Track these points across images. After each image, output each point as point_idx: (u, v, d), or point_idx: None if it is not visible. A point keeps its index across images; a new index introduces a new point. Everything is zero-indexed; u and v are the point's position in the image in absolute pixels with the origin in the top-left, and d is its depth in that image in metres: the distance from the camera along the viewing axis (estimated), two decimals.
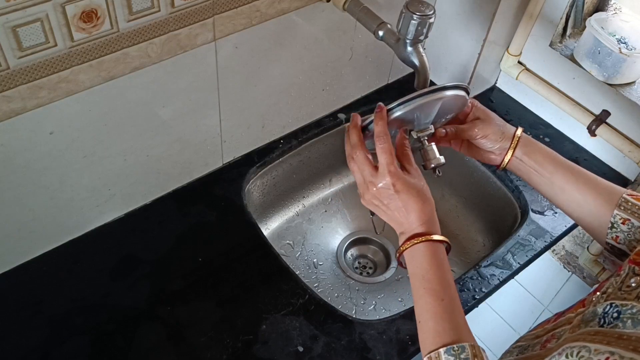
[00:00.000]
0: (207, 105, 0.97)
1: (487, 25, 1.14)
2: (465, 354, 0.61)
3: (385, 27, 0.89)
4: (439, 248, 0.69)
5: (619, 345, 0.52)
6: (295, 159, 1.19)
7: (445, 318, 0.65)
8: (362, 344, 0.90)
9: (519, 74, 1.24)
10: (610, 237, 0.72)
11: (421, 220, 0.70)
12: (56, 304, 0.90)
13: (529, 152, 0.79)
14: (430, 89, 0.73)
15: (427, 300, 0.66)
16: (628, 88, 1.11)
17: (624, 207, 0.70)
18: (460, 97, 0.77)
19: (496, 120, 0.81)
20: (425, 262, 0.68)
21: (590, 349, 0.53)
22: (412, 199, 0.70)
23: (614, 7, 1.17)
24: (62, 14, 0.69)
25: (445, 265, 0.68)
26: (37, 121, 0.77)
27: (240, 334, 0.89)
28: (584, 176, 0.75)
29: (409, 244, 0.69)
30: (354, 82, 1.21)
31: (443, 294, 0.66)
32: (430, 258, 0.68)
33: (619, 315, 0.55)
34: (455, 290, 0.67)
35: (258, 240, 1.01)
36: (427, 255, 0.68)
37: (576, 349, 0.54)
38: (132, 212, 1.02)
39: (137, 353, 0.86)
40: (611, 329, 0.54)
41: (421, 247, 0.68)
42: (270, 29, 0.94)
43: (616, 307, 0.56)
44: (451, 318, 0.65)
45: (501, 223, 1.18)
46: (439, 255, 0.69)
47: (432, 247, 0.69)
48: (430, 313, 0.65)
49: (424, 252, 0.68)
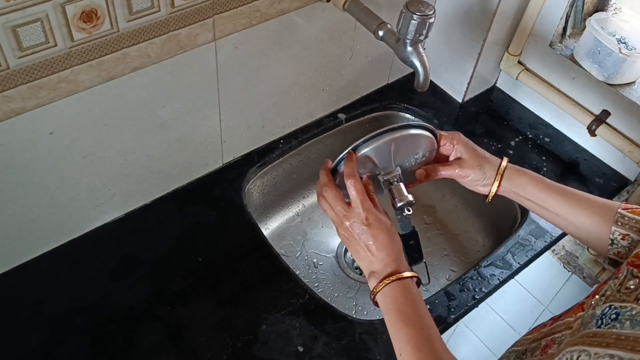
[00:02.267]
0: (207, 105, 0.97)
1: (487, 25, 1.14)
2: None
3: (385, 27, 0.89)
4: (411, 283, 0.71)
5: (618, 347, 0.52)
6: (295, 159, 1.19)
7: (427, 346, 0.66)
8: (362, 344, 0.90)
9: (519, 74, 1.24)
10: (612, 253, 0.72)
11: (391, 257, 0.72)
12: (56, 304, 0.90)
13: (516, 185, 0.79)
14: (385, 129, 0.76)
15: (407, 331, 0.67)
16: (628, 88, 1.11)
17: (621, 223, 0.70)
18: (419, 136, 0.78)
19: (477, 158, 0.80)
20: (400, 297, 0.69)
21: (590, 353, 0.53)
22: (382, 234, 0.72)
23: (614, 7, 1.17)
24: (62, 14, 0.69)
25: (418, 297, 0.70)
26: (37, 121, 0.77)
27: (240, 334, 0.89)
28: (576, 198, 0.76)
29: (382, 284, 0.70)
30: (354, 82, 1.21)
31: (422, 323, 0.67)
32: (404, 293, 0.70)
33: (618, 317, 0.55)
34: (431, 319, 0.69)
35: (258, 240, 1.01)
36: (400, 291, 0.70)
37: (576, 353, 0.54)
38: (132, 212, 1.02)
39: (137, 353, 0.86)
40: (609, 329, 0.54)
41: (394, 285, 0.70)
42: (270, 29, 0.94)
43: (615, 308, 0.56)
44: (432, 346, 0.66)
45: (501, 223, 1.18)
46: (412, 290, 0.70)
47: (404, 283, 0.70)
48: (412, 343, 0.67)
49: (397, 289, 0.70)
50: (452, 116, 1.27)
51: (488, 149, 1.20)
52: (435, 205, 1.30)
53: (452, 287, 0.98)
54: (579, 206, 0.75)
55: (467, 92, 1.28)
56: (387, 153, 0.78)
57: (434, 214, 1.30)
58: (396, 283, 0.70)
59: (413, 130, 0.78)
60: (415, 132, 0.78)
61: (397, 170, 0.79)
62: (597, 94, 1.14)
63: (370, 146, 0.76)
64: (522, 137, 1.24)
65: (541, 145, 1.23)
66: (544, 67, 1.21)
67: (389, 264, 0.71)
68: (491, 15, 1.12)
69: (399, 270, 0.71)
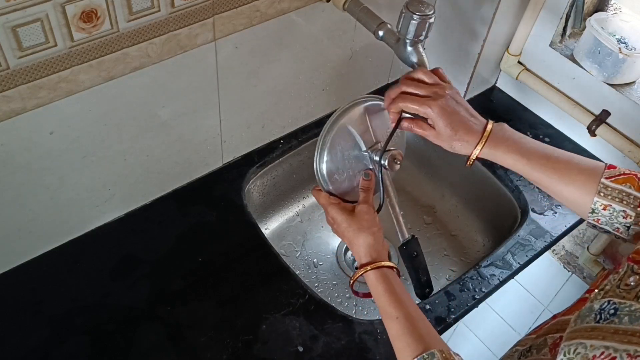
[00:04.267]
0: (207, 105, 0.97)
1: (487, 25, 1.14)
2: (435, 359, 0.64)
3: (385, 27, 0.89)
4: (388, 272, 0.75)
5: (614, 340, 0.53)
6: (295, 159, 1.19)
7: (407, 333, 0.68)
8: (362, 344, 0.90)
9: (519, 74, 1.24)
10: (592, 220, 0.73)
11: (368, 251, 0.77)
12: (56, 304, 0.90)
13: (496, 156, 0.78)
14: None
15: (387, 324, 0.71)
16: (628, 88, 1.11)
17: (604, 194, 0.70)
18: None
19: (454, 131, 0.79)
20: (377, 290, 0.74)
21: (586, 345, 0.54)
22: (357, 234, 0.78)
23: (614, 7, 1.17)
24: (62, 14, 0.69)
25: (394, 286, 0.73)
26: (37, 121, 0.77)
27: (240, 334, 0.89)
28: (559, 169, 0.75)
29: (358, 273, 0.76)
30: (354, 82, 1.21)
31: (397, 313, 0.70)
32: (380, 284, 0.74)
33: (616, 312, 0.56)
34: (410, 305, 0.72)
35: (258, 240, 1.01)
36: (377, 282, 0.74)
37: (573, 346, 0.55)
38: (132, 212, 1.02)
39: (137, 353, 0.86)
40: (607, 324, 0.55)
41: (370, 274, 0.75)
42: (270, 29, 0.94)
43: (614, 304, 0.56)
44: (412, 332, 0.68)
45: (501, 223, 1.18)
46: (389, 278, 0.74)
47: (379, 272, 0.75)
48: (392, 334, 0.70)
49: (373, 280, 0.74)
50: None
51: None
52: (435, 205, 1.30)
53: (452, 287, 0.98)
54: (561, 179, 0.74)
55: (467, 92, 1.28)
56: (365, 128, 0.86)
57: (434, 214, 1.30)
58: (372, 272, 0.75)
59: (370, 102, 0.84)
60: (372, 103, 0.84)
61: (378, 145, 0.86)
62: (597, 94, 1.14)
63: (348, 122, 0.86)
64: None
65: None
66: (544, 67, 1.21)
67: (365, 255, 0.77)
68: (491, 15, 1.12)
69: (376, 259, 0.76)
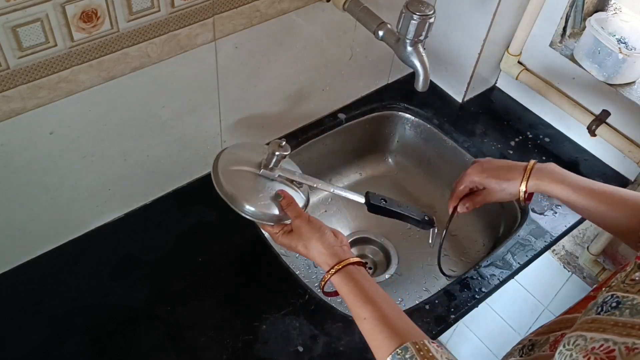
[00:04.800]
0: (207, 105, 0.97)
1: (487, 25, 1.14)
2: (409, 353, 0.64)
3: (385, 27, 0.89)
4: (352, 270, 0.75)
5: (614, 332, 0.53)
6: (295, 159, 1.18)
7: (378, 331, 0.68)
8: (362, 344, 0.89)
9: (519, 74, 1.24)
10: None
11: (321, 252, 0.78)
12: (56, 304, 0.90)
13: (542, 190, 0.84)
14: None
15: (358, 325, 0.71)
16: (628, 88, 1.11)
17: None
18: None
19: (498, 183, 0.88)
20: (343, 292, 0.74)
21: (586, 337, 0.55)
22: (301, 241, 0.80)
23: (613, 7, 1.17)
24: (62, 14, 0.69)
25: (361, 284, 0.73)
26: (37, 121, 0.77)
27: (240, 334, 0.89)
28: (605, 199, 0.78)
29: (323, 281, 0.78)
30: (354, 82, 1.21)
31: (364, 313, 0.71)
32: (344, 286, 0.74)
33: (618, 305, 0.56)
34: (379, 301, 0.72)
35: (258, 240, 1.01)
36: (340, 285, 0.74)
37: (573, 338, 0.56)
38: (132, 212, 1.02)
39: (137, 353, 0.86)
40: (608, 316, 0.56)
41: (334, 279, 0.75)
42: (270, 29, 0.94)
43: (616, 297, 0.57)
44: (383, 329, 0.68)
45: (501, 223, 1.18)
46: (353, 278, 0.74)
47: (342, 274, 0.75)
48: (365, 335, 0.70)
49: (337, 283, 0.75)
50: (452, 116, 1.27)
51: (488, 149, 1.20)
52: (435, 205, 1.30)
53: (452, 287, 0.98)
54: (609, 208, 0.77)
55: (467, 92, 1.28)
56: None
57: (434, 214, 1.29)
58: (334, 277, 0.75)
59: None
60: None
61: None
62: (597, 94, 1.14)
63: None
64: (522, 137, 1.24)
65: (541, 145, 1.23)
66: (544, 67, 1.21)
67: (325, 257, 0.77)
68: (491, 15, 1.12)
69: (336, 261, 0.76)
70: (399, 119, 1.29)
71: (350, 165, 1.32)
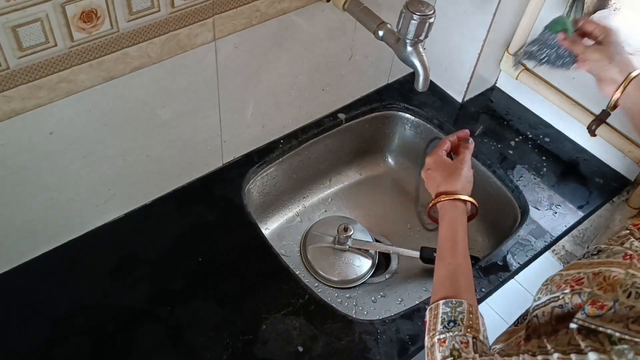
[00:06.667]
0: (207, 105, 0.97)
1: (487, 25, 1.14)
2: (462, 307, 0.67)
3: (385, 27, 0.89)
4: (458, 209, 0.82)
5: (587, 268, 0.59)
6: (295, 159, 1.19)
7: (448, 277, 0.73)
8: (362, 344, 0.90)
9: (519, 74, 1.24)
10: None
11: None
12: (56, 304, 0.90)
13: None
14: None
15: (438, 264, 0.77)
16: None
17: None
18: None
19: (613, 52, 0.92)
20: (442, 230, 0.80)
21: (562, 275, 0.61)
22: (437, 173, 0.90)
23: (613, 7, 1.17)
24: (62, 14, 0.69)
25: (459, 231, 0.79)
26: (37, 121, 0.77)
27: (240, 334, 0.89)
28: None
29: (434, 201, 0.86)
30: (354, 82, 1.21)
31: (450, 258, 0.76)
32: (447, 223, 0.81)
33: (598, 253, 0.61)
34: (464, 256, 0.77)
35: (258, 240, 1.01)
36: (444, 219, 0.82)
37: (551, 277, 0.62)
38: (132, 212, 1.02)
39: (137, 353, 0.86)
40: (586, 259, 0.61)
41: (446, 204, 0.84)
42: (270, 29, 0.94)
43: (599, 248, 0.62)
44: (453, 279, 0.73)
45: (501, 223, 1.18)
46: (458, 218, 0.81)
47: (453, 207, 0.83)
48: (438, 274, 0.75)
49: (444, 212, 0.83)
50: (452, 116, 1.27)
51: (488, 149, 1.20)
52: None
53: None
54: None
55: (467, 92, 1.28)
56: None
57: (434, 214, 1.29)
58: (448, 203, 0.83)
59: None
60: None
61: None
62: (597, 94, 1.14)
63: None
64: (522, 137, 1.24)
65: (541, 145, 1.23)
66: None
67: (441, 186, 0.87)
68: (491, 15, 1.12)
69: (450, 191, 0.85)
70: (399, 119, 1.29)
71: (350, 165, 1.32)
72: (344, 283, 1.13)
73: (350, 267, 1.15)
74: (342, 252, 1.17)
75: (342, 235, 1.14)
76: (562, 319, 0.57)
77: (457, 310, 0.67)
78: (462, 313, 0.66)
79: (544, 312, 0.60)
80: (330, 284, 1.13)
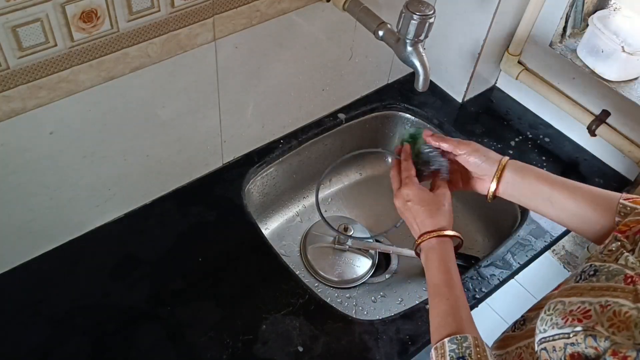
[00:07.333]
0: (207, 105, 0.97)
1: (487, 25, 1.14)
2: (467, 342, 0.66)
3: (385, 27, 0.89)
4: (447, 244, 0.78)
5: (590, 295, 0.57)
6: (295, 159, 1.19)
7: (450, 313, 0.71)
8: (362, 344, 0.90)
9: (519, 74, 1.24)
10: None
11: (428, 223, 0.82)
12: (56, 304, 0.90)
13: (521, 177, 0.82)
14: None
15: (435, 300, 0.74)
16: (628, 87, 1.11)
17: (623, 213, 0.71)
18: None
19: (482, 150, 0.86)
20: (433, 267, 0.77)
21: (564, 302, 0.58)
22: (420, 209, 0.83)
23: (613, 7, 1.17)
24: (62, 14, 0.69)
25: (451, 266, 0.76)
26: (37, 121, 0.77)
27: (240, 334, 0.89)
28: (580, 191, 0.77)
29: (421, 239, 0.80)
30: (354, 82, 1.21)
31: (449, 294, 0.73)
32: (437, 260, 0.77)
33: (596, 273, 0.60)
34: (460, 289, 0.74)
35: (258, 240, 1.01)
36: (434, 257, 0.78)
37: (553, 304, 0.59)
38: (132, 212, 1.02)
39: (137, 353, 0.86)
40: (585, 283, 0.59)
41: (433, 242, 0.79)
42: (270, 29, 0.94)
43: (594, 267, 0.61)
44: (455, 314, 0.71)
45: (501, 223, 1.18)
46: (448, 254, 0.78)
47: (441, 244, 0.78)
48: (437, 311, 0.73)
49: (433, 250, 0.78)
50: (452, 116, 1.27)
51: (488, 148, 1.20)
52: None
53: None
54: (584, 198, 0.76)
55: (467, 92, 1.28)
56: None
57: None
58: (435, 240, 0.79)
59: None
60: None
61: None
62: (597, 94, 1.14)
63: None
64: (522, 137, 1.24)
65: (541, 145, 1.23)
66: (544, 67, 1.21)
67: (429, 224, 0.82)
68: (491, 15, 1.12)
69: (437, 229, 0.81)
70: (399, 119, 1.29)
71: (350, 165, 1.32)
72: (344, 283, 1.13)
73: (350, 267, 1.15)
74: (342, 252, 1.16)
75: (342, 235, 1.14)
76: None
77: (464, 345, 0.66)
78: (469, 348, 0.66)
79: (554, 347, 0.57)
80: (330, 284, 1.13)
